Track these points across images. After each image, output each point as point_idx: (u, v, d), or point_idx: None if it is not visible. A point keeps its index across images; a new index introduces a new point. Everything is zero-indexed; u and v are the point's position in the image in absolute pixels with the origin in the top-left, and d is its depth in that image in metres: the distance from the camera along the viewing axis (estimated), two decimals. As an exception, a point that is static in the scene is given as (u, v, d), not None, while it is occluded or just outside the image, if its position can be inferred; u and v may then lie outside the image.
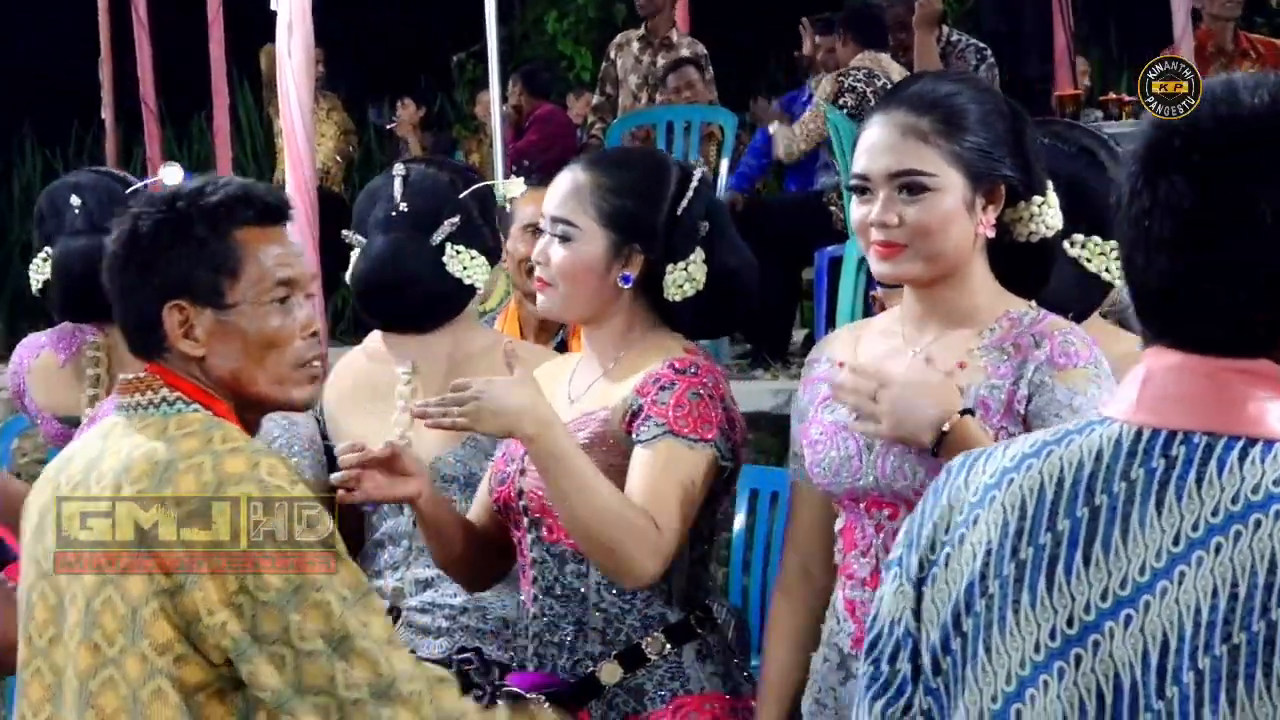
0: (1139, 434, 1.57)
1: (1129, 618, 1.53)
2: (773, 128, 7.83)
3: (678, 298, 2.85)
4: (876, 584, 2.57)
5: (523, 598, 2.91)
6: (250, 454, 2.35)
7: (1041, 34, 8.81)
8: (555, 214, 2.88)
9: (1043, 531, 1.58)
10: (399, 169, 3.52)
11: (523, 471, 2.85)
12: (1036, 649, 1.57)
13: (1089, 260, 2.79)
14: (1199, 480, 1.53)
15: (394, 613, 3.33)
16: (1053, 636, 1.56)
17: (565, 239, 2.86)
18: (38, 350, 4.04)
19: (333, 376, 3.62)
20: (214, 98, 8.86)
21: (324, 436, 3.48)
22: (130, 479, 2.35)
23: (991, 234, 2.59)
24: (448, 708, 2.42)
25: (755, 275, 2.99)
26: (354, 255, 3.53)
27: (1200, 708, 1.49)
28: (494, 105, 6.94)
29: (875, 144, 2.59)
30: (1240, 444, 1.53)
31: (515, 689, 2.82)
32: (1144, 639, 1.53)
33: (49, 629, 2.41)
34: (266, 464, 2.34)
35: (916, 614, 1.66)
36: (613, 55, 9.42)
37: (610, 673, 2.80)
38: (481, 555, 2.95)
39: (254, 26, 6.61)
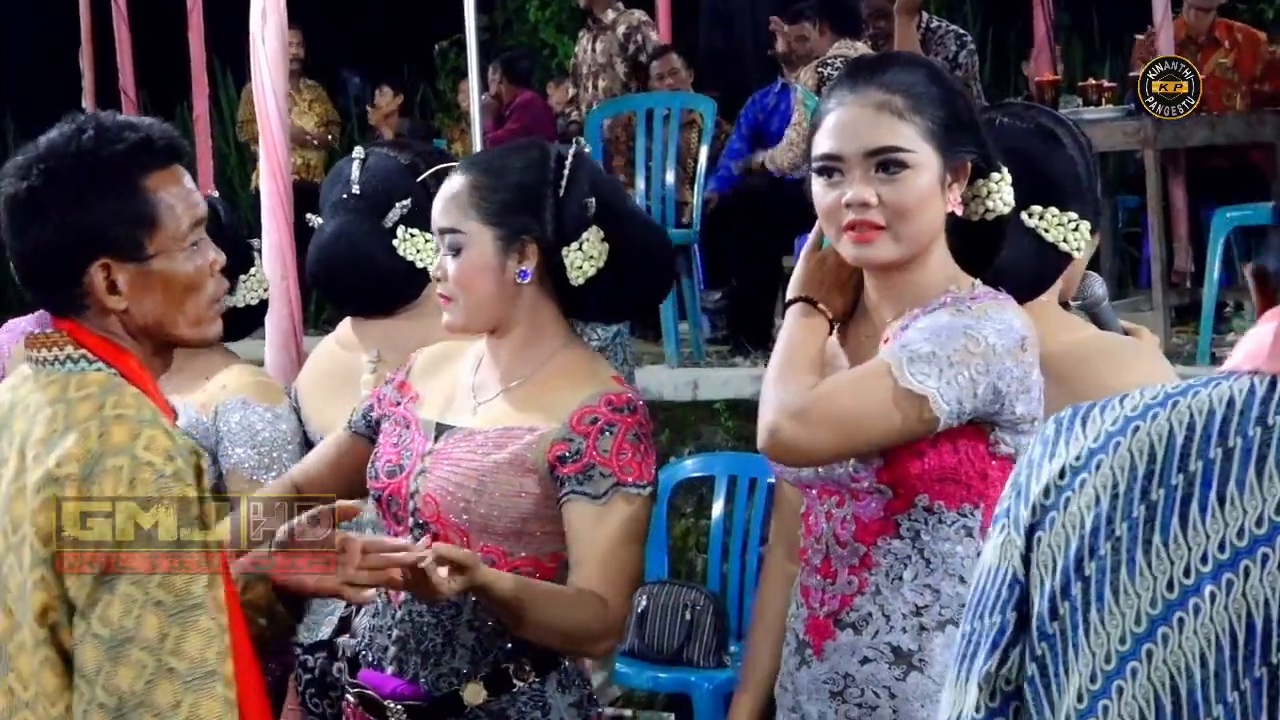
0: (1274, 382, 1.60)
1: (1265, 556, 1.55)
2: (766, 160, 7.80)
3: (582, 279, 2.78)
4: (827, 571, 2.60)
5: (389, 596, 2.82)
6: (135, 424, 2.29)
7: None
8: (442, 225, 2.83)
9: (1174, 473, 1.60)
10: (358, 152, 3.51)
11: (422, 471, 2.80)
12: (1170, 587, 1.59)
13: (1046, 230, 2.76)
14: None
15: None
16: (1186, 574, 1.59)
17: (456, 249, 2.80)
18: (19, 335, 4.01)
19: (308, 364, 3.61)
20: (194, 87, 8.82)
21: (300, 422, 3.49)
22: (32, 444, 2.32)
23: (960, 211, 2.57)
24: None
25: (665, 249, 2.95)
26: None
27: None
28: (473, 94, 6.90)
29: (847, 122, 2.53)
30: None
31: (370, 692, 2.80)
32: None
33: None
34: (147, 436, 2.28)
35: (1026, 561, 1.68)
36: (576, 46, 9.53)
37: (474, 693, 2.75)
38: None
39: (233, 16, 6.59)
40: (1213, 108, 7.71)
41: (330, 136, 10.90)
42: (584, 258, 2.78)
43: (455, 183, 2.83)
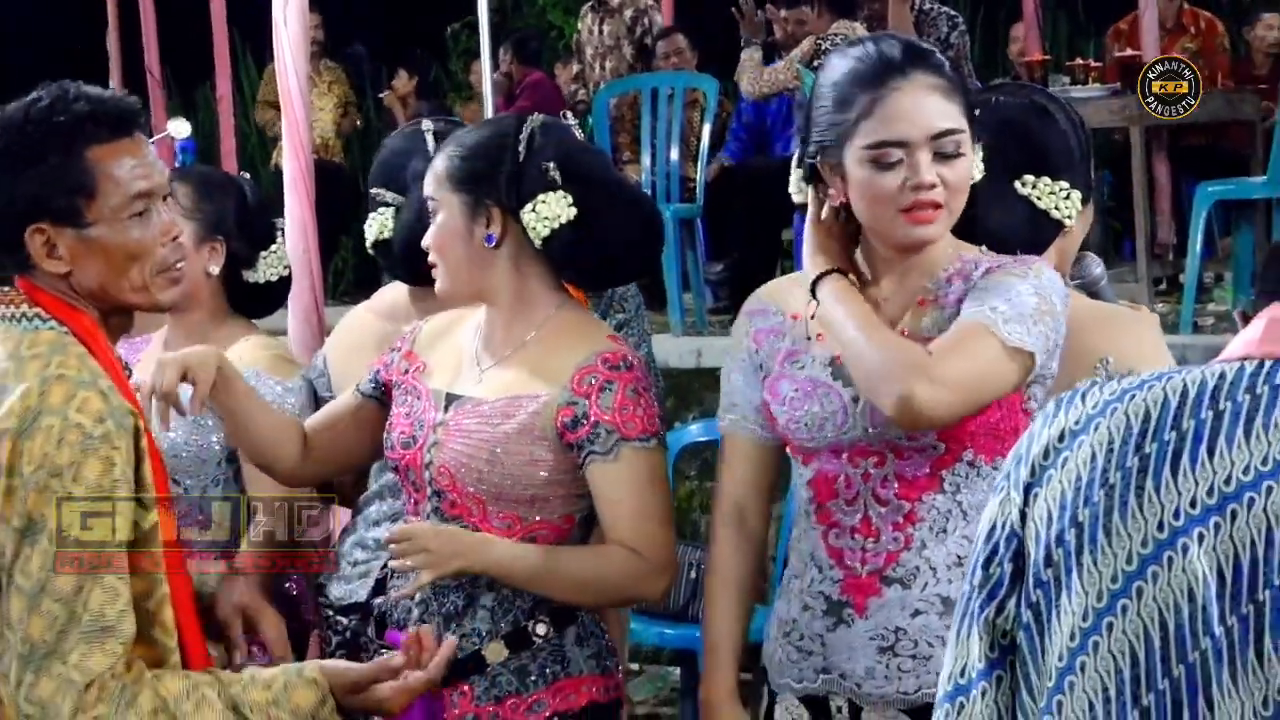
0: (1261, 363, 1.66)
1: (1252, 501, 1.61)
2: (745, 54, 7.83)
3: (538, 240, 2.75)
4: (867, 530, 2.56)
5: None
6: (73, 384, 2.30)
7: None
8: (425, 194, 2.85)
9: (1167, 430, 1.65)
10: (426, 125, 3.43)
11: (435, 443, 2.79)
12: (1160, 529, 1.64)
13: (1039, 199, 2.73)
14: None
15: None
16: (1176, 517, 1.63)
17: (434, 216, 2.82)
18: None
19: (338, 333, 3.55)
20: (217, 68, 8.78)
21: (328, 390, 3.41)
22: None
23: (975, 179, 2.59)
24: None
25: (643, 215, 2.90)
26: (382, 213, 3.42)
27: None
28: (485, 74, 6.91)
29: (914, 107, 2.49)
30: None
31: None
32: (1268, 519, 1.60)
33: None
34: (81, 397, 2.29)
35: (1022, 516, 1.72)
36: (579, 25, 9.50)
37: (495, 652, 2.75)
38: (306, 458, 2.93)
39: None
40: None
41: (350, 119, 10.85)
42: (538, 218, 2.75)
43: (437, 156, 2.86)
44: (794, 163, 2.67)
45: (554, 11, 12.29)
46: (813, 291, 2.56)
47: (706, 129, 8.22)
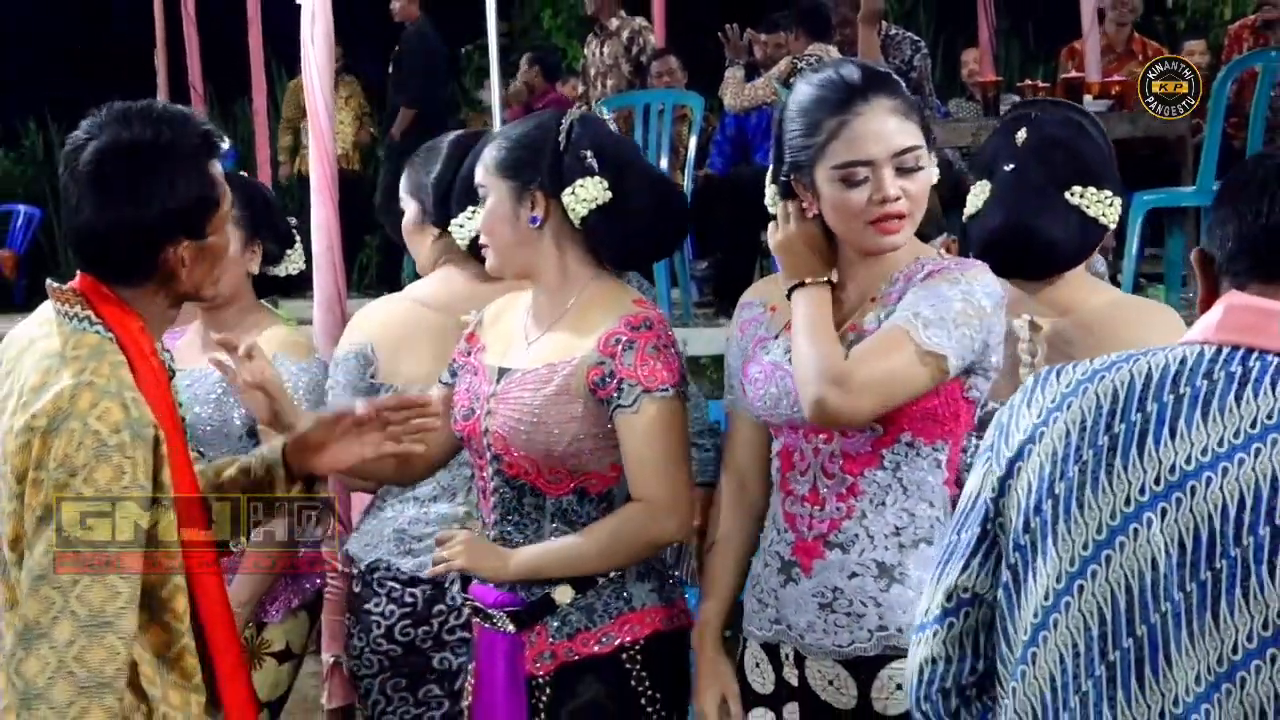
0: (1219, 349, 1.68)
1: (1209, 479, 1.62)
2: (728, 73, 7.83)
3: (582, 212, 2.75)
4: (815, 499, 2.59)
5: (485, 520, 2.85)
6: (99, 393, 2.27)
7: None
8: (476, 183, 2.86)
9: (1133, 412, 1.67)
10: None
11: (489, 412, 2.79)
12: (1127, 503, 1.66)
13: (1088, 207, 2.79)
14: (1273, 384, 1.65)
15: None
16: (1142, 492, 1.66)
17: (483, 202, 2.84)
18: None
19: (383, 323, 3.39)
20: (253, 84, 8.76)
21: (372, 378, 3.30)
22: (27, 387, 2.30)
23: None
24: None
25: (672, 200, 2.89)
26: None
27: (1275, 555, 1.60)
28: (494, 90, 6.90)
29: (878, 130, 2.50)
30: None
31: (478, 603, 2.81)
32: (1224, 496, 1.63)
33: None
34: (103, 407, 2.26)
35: (1001, 487, 1.74)
36: (585, 50, 9.54)
37: (563, 593, 2.75)
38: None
39: (289, 19, 6.51)
40: (1128, 108, 7.67)
41: (367, 130, 10.82)
42: (577, 199, 2.75)
43: (487, 147, 2.86)
44: (768, 178, 2.68)
45: (558, 34, 12.26)
46: (790, 295, 2.59)
47: (693, 141, 8.25)
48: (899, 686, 2.52)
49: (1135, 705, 1.63)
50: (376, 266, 10.36)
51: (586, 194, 2.75)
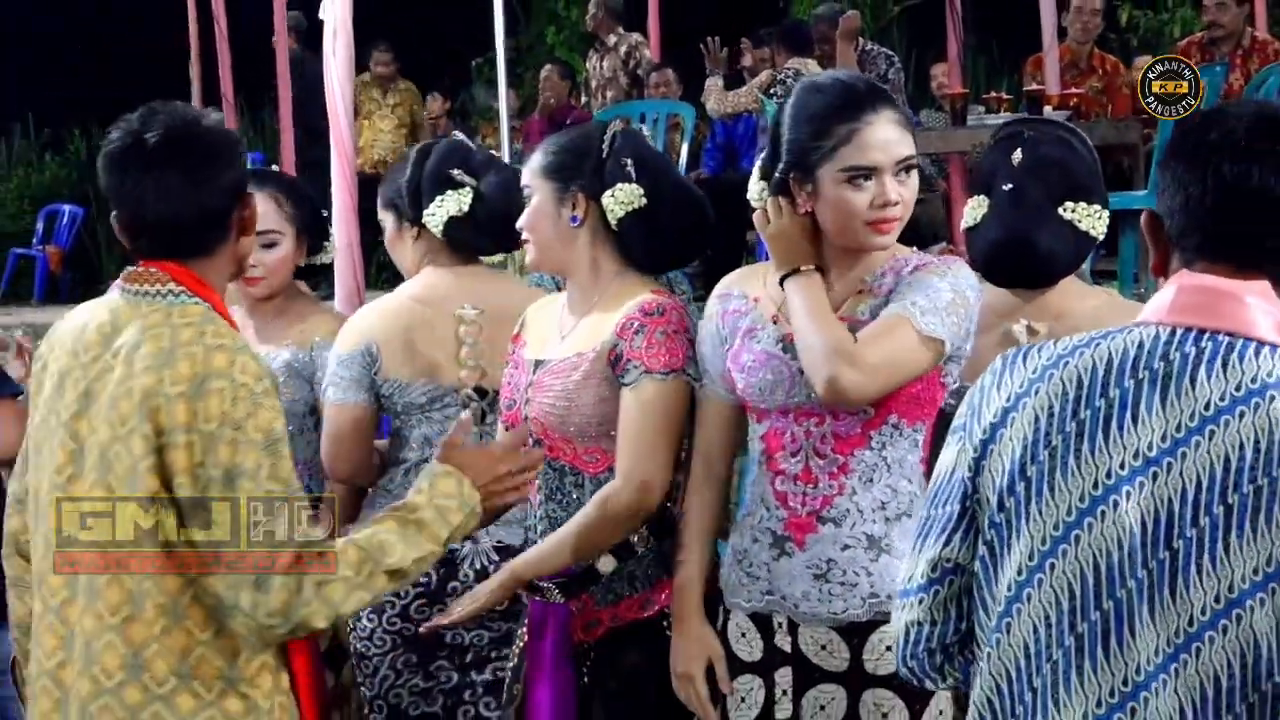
0: (1173, 330, 1.66)
1: (1169, 465, 1.62)
2: (709, 81, 7.83)
3: (619, 214, 2.77)
4: (808, 478, 2.58)
5: (531, 502, 2.84)
6: (232, 351, 2.29)
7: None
8: (522, 184, 2.88)
9: (1097, 398, 1.66)
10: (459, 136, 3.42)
11: (528, 401, 2.80)
12: (1095, 486, 1.65)
13: (1080, 221, 2.79)
14: (1224, 365, 1.63)
15: None
16: (1108, 476, 1.65)
17: (528, 202, 2.84)
18: None
19: (383, 321, 3.28)
20: (279, 92, 8.73)
21: (375, 374, 3.22)
22: (140, 357, 2.29)
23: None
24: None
25: (698, 207, 2.87)
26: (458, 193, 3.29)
27: (1228, 533, 1.60)
28: (501, 99, 6.90)
29: (885, 139, 2.51)
30: (1253, 344, 1.64)
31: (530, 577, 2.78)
32: (1182, 480, 1.61)
33: (68, 469, 2.33)
34: (241, 361, 2.28)
35: (976, 466, 1.72)
36: (587, 65, 9.59)
37: (607, 564, 2.75)
38: None
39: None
40: (1085, 118, 7.67)
41: (409, 138, 10.76)
42: (615, 202, 2.77)
43: (534, 152, 2.88)
44: (755, 174, 2.67)
45: (560, 49, 12.23)
46: (781, 283, 2.57)
47: (685, 147, 8.24)
48: (889, 648, 2.52)
49: (1101, 673, 1.63)
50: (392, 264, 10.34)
51: (624, 197, 2.77)
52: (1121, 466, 1.63)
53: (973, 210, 2.86)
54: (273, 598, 2.22)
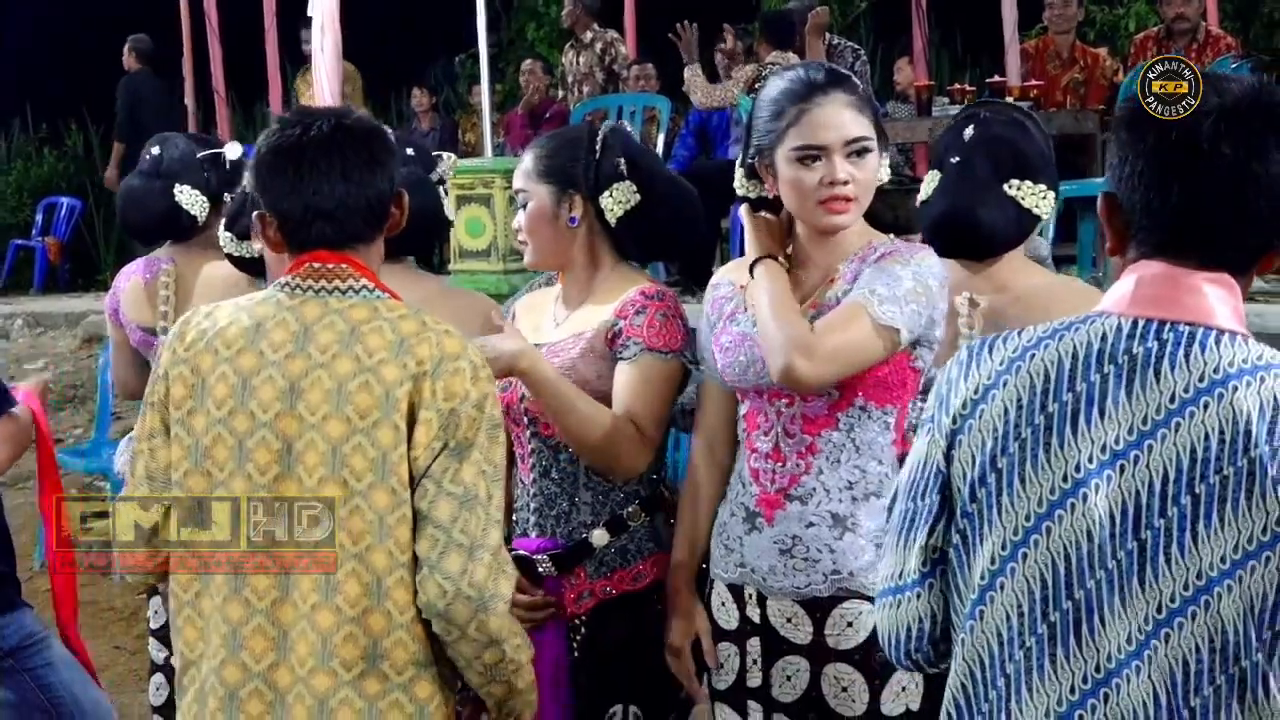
0: (1135, 322, 1.63)
1: (1136, 458, 1.60)
2: (688, 72, 7.82)
3: (618, 213, 2.77)
4: (777, 456, 2.58)
5: (524, 481, 2.82)
6: (459, 336, 2.33)
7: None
8: (515, 187, 2.86)
9: (1064, 392, 1.63)
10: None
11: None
12: (1064, 479, 1.62)
13: (1024, 199, 2.78)
14: (1186, 356, 1.61)
15: None
16: (1077, 470, 1.61)
17: (524, 205, 2.82)
18: (130, 275, 3.92)
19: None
20: (270, 88, 8.70)
21: None
22: (366, 350, 2.27)
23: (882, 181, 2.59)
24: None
25: (691, 203, 2.88)
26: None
27: (1196, 523, 1.58)
28: (484, 95, 6.86)
29: (834, 120, 2.49)
30: (1214, 333, 1.61)
31: (522, 552, 2.78)
32: (1149, 471, 1.59)
33: (273, 468, 2.27)
34: (467, 345, 2.33)
35: (947, 457, 1.70)
36: (563, 59, 9.51)
37: (600, 537, 2.75)
38: None
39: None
40: (1044, 108, 7.65)
41: None
42: (614, 202, 2.76)
43: (525, 156, 2.85)
44: (738, 164, 2.67)
45: (541, 45, 12.20)
46: (750, 271, 2.57)
47: (660, 138, 8.22)
48: (850, 624, 2.53)
49: (1073, 660, 1.62)
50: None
51: (621, 196, 2.76)
52: (1090, 460, 1.60)
53: (926, 185, 2.86)
54: (480, 569, 2.24)
